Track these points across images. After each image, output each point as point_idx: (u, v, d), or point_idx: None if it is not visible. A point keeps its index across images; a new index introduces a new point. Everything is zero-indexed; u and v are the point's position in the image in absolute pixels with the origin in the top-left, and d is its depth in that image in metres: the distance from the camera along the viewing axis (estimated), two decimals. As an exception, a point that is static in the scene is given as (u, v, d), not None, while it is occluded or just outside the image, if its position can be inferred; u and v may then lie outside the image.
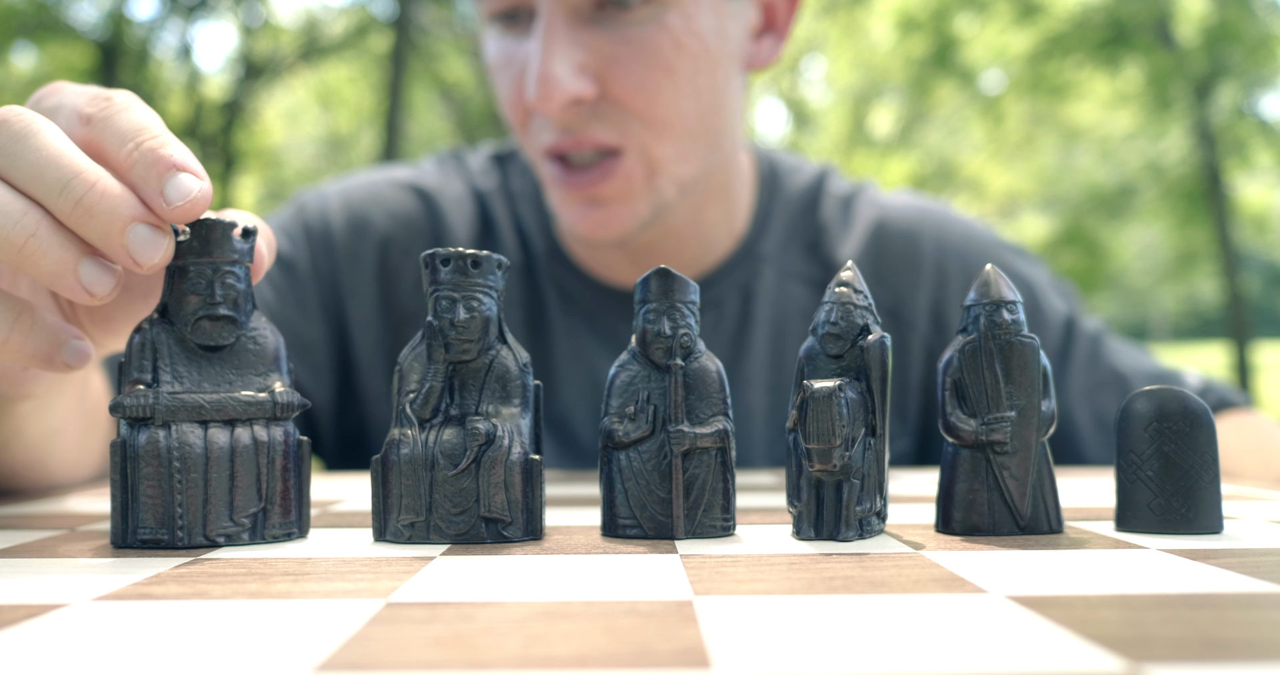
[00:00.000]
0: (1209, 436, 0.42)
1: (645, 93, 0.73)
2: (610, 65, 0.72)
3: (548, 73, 0.70)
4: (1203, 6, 8.64)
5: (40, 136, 0.40)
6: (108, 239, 0.39)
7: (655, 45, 0.73)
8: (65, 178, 0.39)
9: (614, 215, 0.77)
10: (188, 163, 0.40)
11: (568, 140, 0.74)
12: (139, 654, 0.24)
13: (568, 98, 0.71)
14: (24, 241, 0.39)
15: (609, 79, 0.72)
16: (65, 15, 8.40)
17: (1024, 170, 11.72)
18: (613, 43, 0.72)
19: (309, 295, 0.85)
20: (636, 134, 0.74)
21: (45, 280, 0.40)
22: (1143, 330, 24.30)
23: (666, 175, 0.77)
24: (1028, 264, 0.92)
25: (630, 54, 0.72)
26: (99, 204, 0.39)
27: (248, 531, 0.40)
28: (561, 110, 0.71)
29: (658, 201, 0.78)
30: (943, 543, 0.40)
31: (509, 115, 0.79)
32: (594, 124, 0.73)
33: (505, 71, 0.77)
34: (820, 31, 11.19)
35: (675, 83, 0.74)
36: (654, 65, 0.73)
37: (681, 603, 0.29)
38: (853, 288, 0.42)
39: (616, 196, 0.76)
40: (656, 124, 0.74)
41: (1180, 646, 0.24)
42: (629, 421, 0.42)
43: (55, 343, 0.43)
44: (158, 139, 0.41)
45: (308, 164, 13.93)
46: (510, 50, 0.76)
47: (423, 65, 9.24)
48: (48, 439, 0.60)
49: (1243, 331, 8.60)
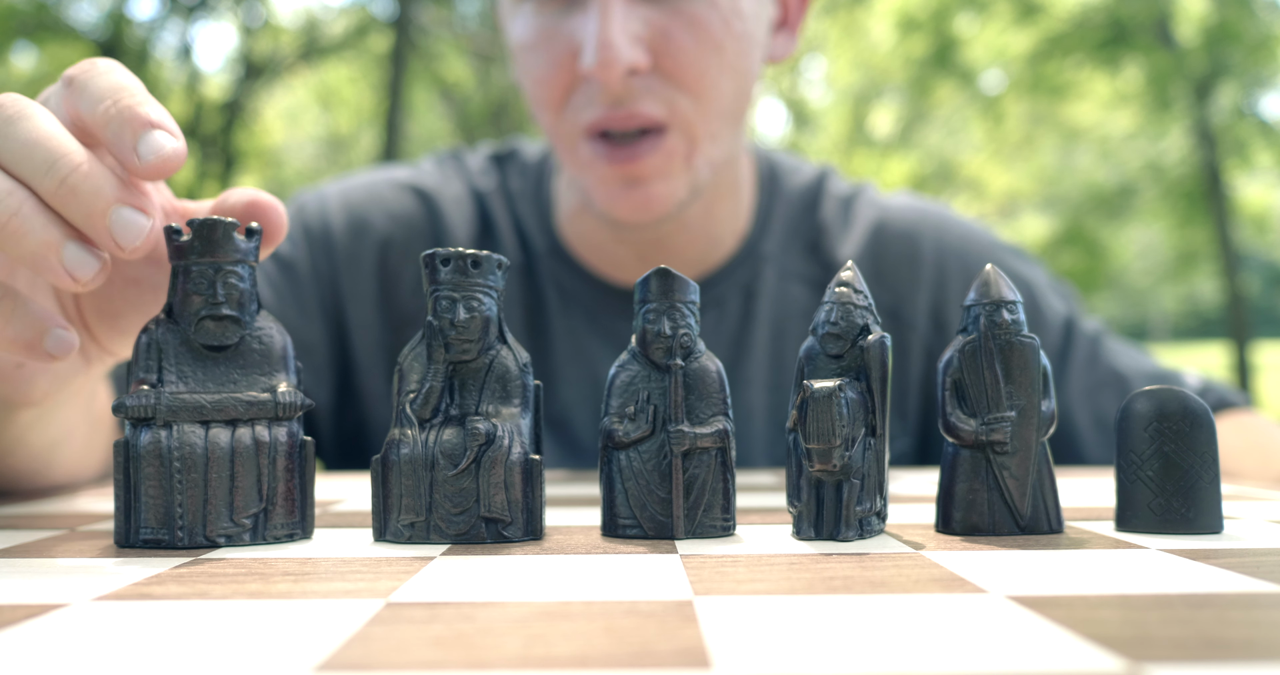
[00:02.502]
0: (1209, 436, 0.42)
1: (696, 68, 0.74)
2: (664, 38, 0.73)
3: (609, 40, 0.70)
4: (1203, 6, 8.64)
5: (31, 120, 0.41)
6: (90, 219, 0.40)
7: (706, 21, 0.74)
8: (52, 158, 0.40)
9: (654, 195, 0.76)
10: (163, 121, 0.41)
11: (619, 113, 0.73)
12: (139, 654, 0.24)
13: (627, 66, 0.71)
14: (6, 219, 0.39)
15: (662, 52, 0.73)
16: (65, 15, 8.40)
17: (1024, 170, 11.72)
18: (666, 16, 0.73)
19: (308, 296, 0.85)
20: (682, 110, 0.75)
21: (28, 261, 0.40)
22: (1143, 330, 24.29)
23: (703, 155, 0.77)
24: (1026, 265, 0.92)
25: (682, 28, 0.73)
26: (83, 183, 0.39)
27: (249, 532, 0.40)
28: (619, 79, 0.72)
29: (694, 182, 0.78)
30: (943, 543, 0.40)
31: (544, 95, 0.77)
32: (643, 98, 0.73)
33: (544, 48, 0.76)
34: (820, 31, 11.19)
35: (721, 60, 0.75)
36: (705, 41, 0.74)
37: (681, 603, 0.29)
38: (853, 288, 0.42)
39: (657, 174, 0.76)
40: (702, 100, 0.75)
41: (1180, 646, 0.24)
42: (629, 421, 0.42)
43: (38, 329, 0.43)
44: (134, 97, 0.41)
45: (308, 164, 13.93)
46: (551, 26, 0.75)
47: (423, 65, 9.24)
48: (51, 448, 0.60)
49: (1243, 331, 8.59)
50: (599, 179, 0.77)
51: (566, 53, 0.74)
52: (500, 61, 8.69)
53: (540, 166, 0.91)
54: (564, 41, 0.74)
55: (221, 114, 9.01)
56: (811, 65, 12.94)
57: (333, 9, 13.85)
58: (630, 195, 0.76)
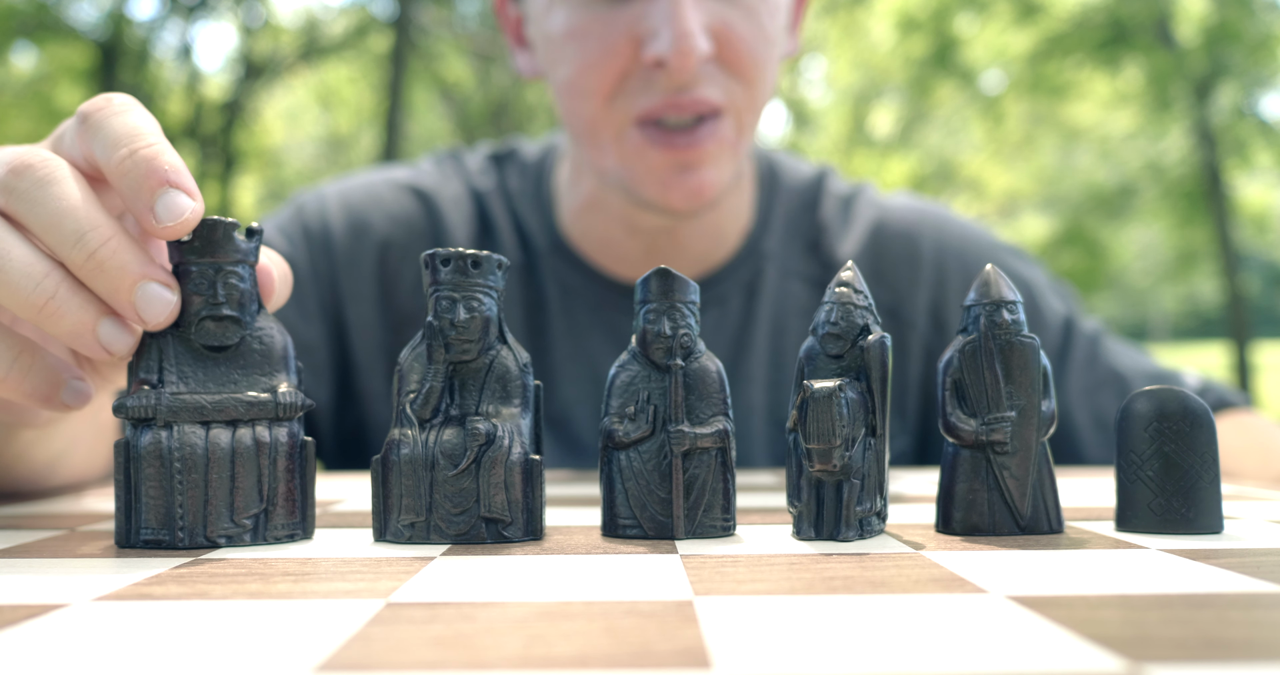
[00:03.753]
0: (1209, 436, 0.42)
1: (752, 56, 0.76)
2: (726, 28, 0.74)
3: (689, 29, 0.71)
4: (1203, 6, 8.64)
5: (62, 185, 0.41)
6: (116, 294, 0.40)
7: (759, 12, 0.76)
8: (82, 230, 0.40)
9: (705, 181, 0.77)
10: (181, 180, 0.40)
11: (684, 99, 0.74)
12: (139, 654, 0.24)
13: (704, 55, 0.73)
14: (44, 303, 0.40)
15: (723, 41, 0.75)
16: (65, 15, 8.40)
17: (1024, 170, 11.72)
18: (725, 7, 0.75)
19: (308, 296, 0.85)
20: (736, 97, 0.76)
21: (65, 339, 0.41)
22: (1143, 330, 24.29)
23: (746, 142, 0.79)
24: (1026, 265, 0.92)
25: (740, 17, 0.75)
26: (111, 259, 0.40)
27: (249, 533, 0.40)
28: (694, 67, 0.73)
29: (736, 168, 0.80)
30: (943, 543, 0.40)
31: (594, 82, 0.76)
32: (705, 84, 0.75)
33: (597, 36, 0.75)
34: (820, 31, 11.19)
35: (770, 51, 0.77)
36: (759, 31, 0.76)
37: (681, 603, 0.29)
38: (853, 288, 0.42)
39: (709, 159, 0.77)
40: (753, 88, 0.77)
41: (1180, 646, 0.24)
42: (629, 421, 0.42)
43: (54, 382, 0.44)
44: (153, 147, 0.40)
45: (308, 164, 13.94)
46: (605, 14, 0.75)
47: (423, 65, 9.24)
48: (53, 461, 0.60)
49: (1243, 331, 8.59)
50: (649, 167, 0.77)
51: (625, 40, 0.74)
52: (500, 61, 8.70)
53: (540, 165, 0.91)
54: (622, 29, 0.74)
55: (221, 114, 9.02)
56: (811, 65, 12.94)
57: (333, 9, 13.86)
58: (684, 182, 0.77)
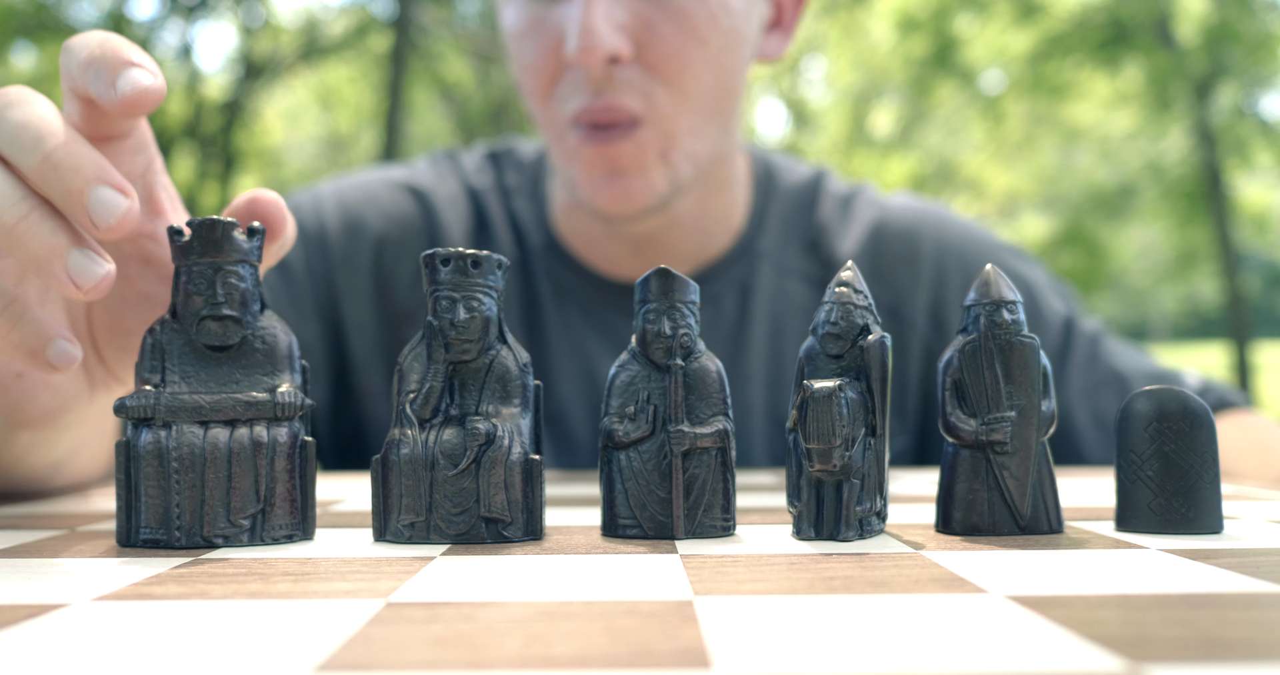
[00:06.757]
0: (1209, 436, 0.42)
1: (677, 60, 0.74)
2: (647, 29, 0.73)
3: (591, 26, 0.70)
4: (1203, 6, 8.64)
5: (28, 106, 0.42)
6: (69, 197, 0.40)
7: (692, 14, 0.74)
8: (40, 136, 0.41)
9: (633, 188, 0.77)
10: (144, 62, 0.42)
11: (598, 103, 0.74)
12: (139, 654, 0.24)
13: (608, 52, 0.71)
14: (15, 222, 0.40)
15: (644, 43, 0.73)
16: (65, 15, 8.40)
17: (1024, 170, 11.72)
18: (651, 7, 0.73)
19: (304, 295, 0.85)
20: (660, 104, 0.75)
21: (32, 266, 0.41)
22: (1143, 330, 24.29)
23: (681, 150, 0.78)
24: (1026, 265, 0.92)
25: (666, 20, 0.73)
26: (64, 160, 0.40)
27: (247, 533, 0.40)
28: (600, 65, 0.72)
29: (674, 178, 0.78)
30: (943, 543, 0.40)
31: (533, 83, 0.78)
32: (623, 91, 0.74)
33: (533, 36, 0.76)
34: (820, 31, 11.19)
35: (705, 55, 0.75)
36: (689, 33, 0.74)
37: (681, 603, 0.29)
38: (853, 288, 0.42)
39: (634, 167, 0.76)
40: (681, 94, 0.75)
41: (1180, 646, 0.24)
42: (629, 421, 0.42)
43: (42, 338, 0.43)
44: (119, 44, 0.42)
45: (308, 164, 13.93)
46: (540, 14, 0.76)
47: (423, 65, 9.24)
48: (54, 467, 0.59)
49: (1243, 331, 8.59)
50: (584, 167, 0.77)
51: (553, 40, 0.75)
52: (500, 61, 8.69)
53: (537, 163, 0.92)
54: (551, 29, 0.75)
55: (221, 114, 9.01)
56: (811, 65, 12.94)
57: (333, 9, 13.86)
58: (611, 186, 0.77)
